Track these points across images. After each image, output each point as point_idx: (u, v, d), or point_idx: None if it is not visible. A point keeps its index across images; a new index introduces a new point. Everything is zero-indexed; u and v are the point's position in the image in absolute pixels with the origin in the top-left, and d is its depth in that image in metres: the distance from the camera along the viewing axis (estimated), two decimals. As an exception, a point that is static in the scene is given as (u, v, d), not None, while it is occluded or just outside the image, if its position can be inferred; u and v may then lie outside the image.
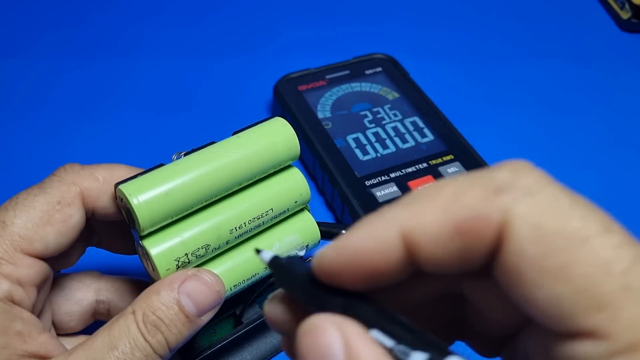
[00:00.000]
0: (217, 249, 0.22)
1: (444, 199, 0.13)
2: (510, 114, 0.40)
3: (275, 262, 0.15)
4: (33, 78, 0.42)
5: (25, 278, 0.20)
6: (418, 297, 0.15)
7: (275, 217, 0.24)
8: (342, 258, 0.13)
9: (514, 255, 0.12)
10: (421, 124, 0.36)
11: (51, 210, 0.21)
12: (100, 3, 0.48)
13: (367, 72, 0.40)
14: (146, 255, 0.21)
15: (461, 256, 0.13)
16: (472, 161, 0.34)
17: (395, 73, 0.40)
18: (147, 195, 0.20)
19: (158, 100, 0.40)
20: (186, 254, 0.21)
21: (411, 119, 0.37)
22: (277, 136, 0.23)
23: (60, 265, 0.23)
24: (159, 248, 0.21)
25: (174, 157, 0.23)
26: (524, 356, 0.14)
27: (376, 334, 0.13)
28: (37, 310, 0.22)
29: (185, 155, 0.22)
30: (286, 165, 0.24)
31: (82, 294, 0.24)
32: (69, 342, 0.23)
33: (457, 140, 0.35)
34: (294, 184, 0.24)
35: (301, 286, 0.14)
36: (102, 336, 0.20)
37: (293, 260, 0.15)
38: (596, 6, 0.49)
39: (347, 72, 0.39)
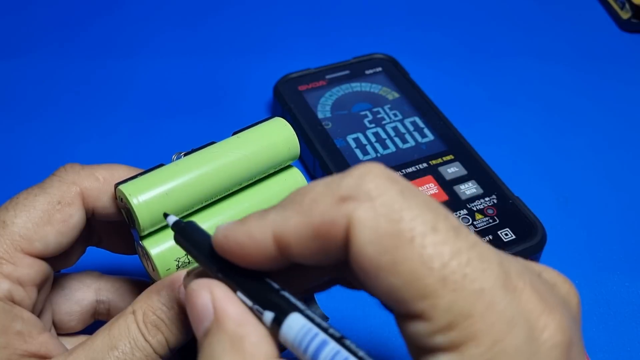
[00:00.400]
0: (217, 249, 0.22)
1: (304, 206, 0.15)
2: (510, 113, 0.40)
3: (177, 225, 0.18)
4: (34, 78, 0.42)
5: (26, 278, 0.20)
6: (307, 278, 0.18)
7: (275, 217, 0.24)
8: (230, 245, 0.16)
9: (357, 254, 0.14)
10: (421, 124, 0.36)
11: (51, 210, 0.21)
12: (99, 4, 0.48)
13: (367, 72, 0.40)
14: (146, 255, 0.21)
15: (322, 253, 0.15)
16: (472, 161, 0.34)
17: (395, 73, 0.40)
18: (147, 195, 0.20)
19: (158, 101, 0.40)
20: (186, 254, 0.21)
21: (411, 119, 0.37)
22: (277, 136, 0.23)
23: (60, 265, 0.23)
24: (159, 248, 0.21)
25: (174, 157, 0.23)
26: None
27: (240, 295, 0.16)
28: (38, 310, 0.22)
29: (185, 155, 0.22)
30: (286, 165, 0.24)
31: (83, 293, 0.24)
32: (69, 342, 0.23)
33: (457, 141, 0.35)
34: (294, 184, 0.24)
35: (194, 247, 0.17)
36: (102, 336, 0.20)
37: (192, 225, 0.18)
38: (596, 6, 0.49)
39: (347, 72, 0.39)
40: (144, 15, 0.47)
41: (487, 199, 0.32)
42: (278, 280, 0.16)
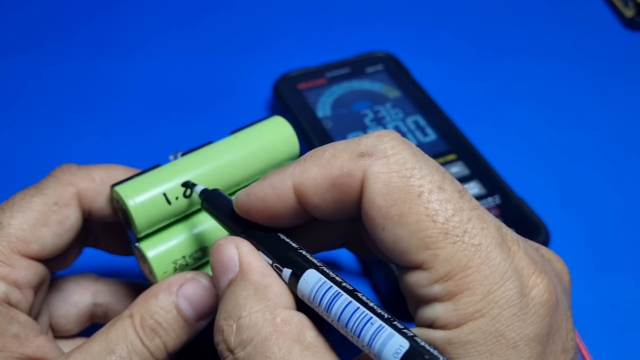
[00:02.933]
0: (216, 251, 0.22)
1: (324, 160, 0.16)
2: (513, 112, 0.40)
3: (204, 192, 0.20)
4: (29, 77, 0.41)
5: (22, 280, 0.20)
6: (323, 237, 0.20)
7: (275, 218, 0.23)
8: (251, 201, 0.17)
9: (369, 205, 0.16)
10: (423, 123, 0.36)
11: (48, 211, 0.21)
12: (97, 3, 0.47)
13: (368, 70, 0.39)
14: (143, 257, 0.21)
15: (337, 205, 0.16)
16: (474, 160, 0.33)
17: (396, 71, 0.39)
18: (144, 196, 0.20)
19: (155, 100, 0.40)
20: (184, 257, 0.21)
21: (413, 118, 0.36)
22: (276, 135, 0.23)
23: (57, 266, 0.23)
24: (156, 250, 0.21)
25: (171, 157, 0.22)
26: None
27: (261, 253, 0.17)
28: (34, 313, 0.22)
29: (182, 155, 0.22)
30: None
31: (79, 296, 0.24)
32: (66, 345, 0.23)
33: (460, 140, 0.35)
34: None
35: (220, 212, 0.19)
36: (99, 340, 0.19)
37: (217, 192, 0.20)
38: (599, 4, 0.48)
39: (347, 70, 0.39)
40: (140, 13, 0.47)
41: (489, 199, 0.31)
42: (295, 240, 0.18)
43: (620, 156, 0.37)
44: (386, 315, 0.15)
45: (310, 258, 0.17)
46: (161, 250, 0.21)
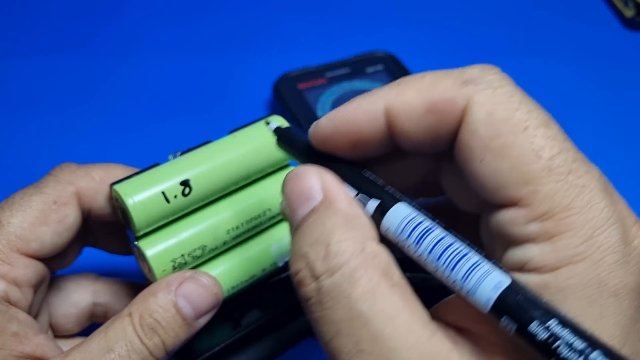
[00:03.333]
0: (214, 249, 0.22)
1: (423, 84, 0.16)
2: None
3: (279, 129, 0.19)
4: (29, 77, 0.41)
5: (22, 278, 0.20)
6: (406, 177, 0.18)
7: (273, 217, 0.23)
8: (334, 125, 0.16)
9: (469, 134, 0.15)
10: (422, 123, 0.36)
11: (47, 210, 0.21)
12: (97, 3, 0.48)
13: (368, 70, 0.39)
14: (142, 256, 0.21)
15: (430, 133, 0.16)
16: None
17: (396, 71, 0.39)
18: (143, 195, 0.20)
19: (155, 100, 0.40)
20: (182, 255, 0.21)
21: (412, 118, 0.36)
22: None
23: (56, 265, 0.23)
24: (155, 249, 0.21)
25: (171, 157, 0.22)
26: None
27: (345, 185, 0.16)
28: (34, 312, 0.22)
29: (181, 154, 0.22)
30: (284, 164, 0.24)
31: (79, 296, 0.24)
32: (66, 344, 0.23)
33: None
34: (293, 183, 0.24)
35: (296, 147, 0.18)
36: (98, 338, 0.19)
37: (292, 129, 0.19)
38: (599, 4, 0.48)
39: (347, 70, 0.39)
40: (140, 13, 0.47)
41: (488, 198, 0.31)
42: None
43: (620, 156, 0.37)
44: (484, 253, 0.14)
45: (398, 195, 0.16)
46: (160, 249, 0.21)
